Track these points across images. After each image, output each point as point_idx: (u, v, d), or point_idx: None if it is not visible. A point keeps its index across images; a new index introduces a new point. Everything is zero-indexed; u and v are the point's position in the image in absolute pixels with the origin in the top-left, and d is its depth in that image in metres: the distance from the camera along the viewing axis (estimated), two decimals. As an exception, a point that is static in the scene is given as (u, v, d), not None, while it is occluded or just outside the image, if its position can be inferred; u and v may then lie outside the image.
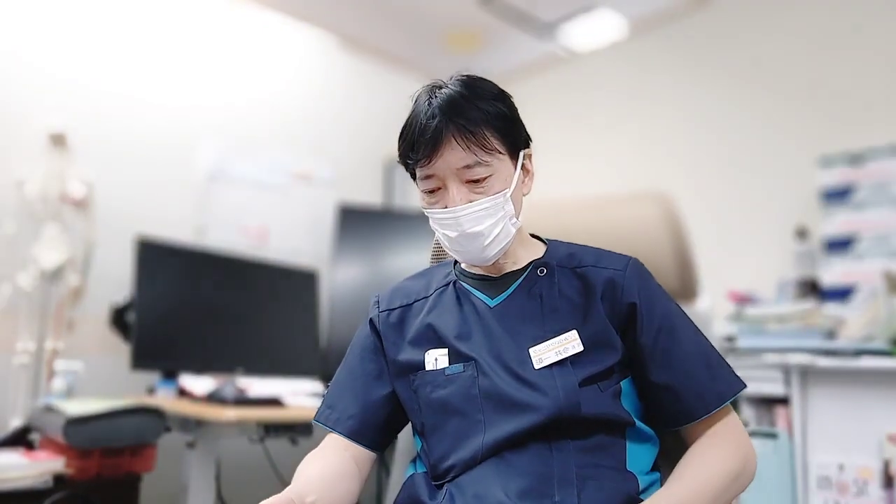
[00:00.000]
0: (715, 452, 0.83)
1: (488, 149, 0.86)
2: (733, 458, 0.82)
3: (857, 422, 1.67)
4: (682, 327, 0.89)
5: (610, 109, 3.52)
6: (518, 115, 0.93)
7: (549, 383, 0.83)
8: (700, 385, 0.85)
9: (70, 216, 2.26)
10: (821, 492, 1.69)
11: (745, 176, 2.93)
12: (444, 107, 0.86)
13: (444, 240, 0.91)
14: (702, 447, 0.84)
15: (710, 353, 0.89)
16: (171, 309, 2.30)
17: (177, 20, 2.82)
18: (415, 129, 0.87)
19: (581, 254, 0.95)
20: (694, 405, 0.85)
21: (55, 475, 1.62)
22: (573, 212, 1.24)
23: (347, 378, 0.98)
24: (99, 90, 2.56)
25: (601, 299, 0.89)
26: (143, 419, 1.76)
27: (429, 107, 0.87)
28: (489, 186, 0.87)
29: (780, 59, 2.89)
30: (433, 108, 0.86)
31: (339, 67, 3.44)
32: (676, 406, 0.86)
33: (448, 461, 0.85)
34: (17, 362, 2.13)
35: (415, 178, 0.92)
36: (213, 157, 2.88)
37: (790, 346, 1.83)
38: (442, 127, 0.85)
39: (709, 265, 1.97)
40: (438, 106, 0.86)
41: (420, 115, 0.87)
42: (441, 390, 0.88)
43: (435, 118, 0.85)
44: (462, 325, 0.91)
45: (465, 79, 0.90)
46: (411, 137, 0.88)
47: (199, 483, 1.91)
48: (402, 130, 0.91)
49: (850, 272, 2.39)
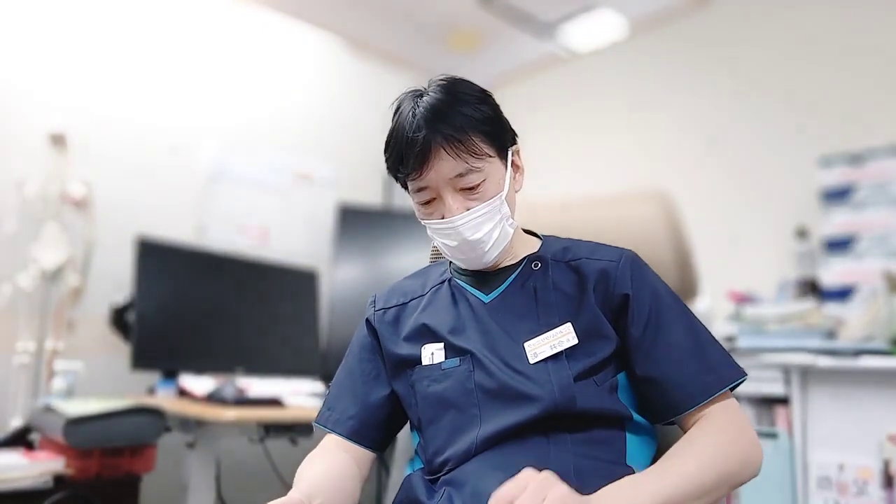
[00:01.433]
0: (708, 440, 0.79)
1: (478, 155, 0.86)
2: (728, 445, 0.79)
3: (857, 422, 1.67)
4: (674, 319, 0.87)
5: (610, 109, 3.52)
6: (501, 113, 0.92)
7: (544, 378, 0.83)
8: (687, 377, 0.83)
9: (70, 216, 2.26)
10: (821, 492, 1.68)
11: (745, 176, 2.93)
12: (429, 117, 0.85)
13: (444, 248, 0.91)
14: (693, 435, 0.81)
15: (704, 344, 0.86)
16: (171, 309, 2.29)
17: (177, 20, 2.82)
18: (402, 142, 0.86)
19: (576, 247, 0.95)
20: (680, 398, 0.83)
21: (55, 475, 1.62)
22: (573, 211, 1.24)
23: (346, 379, 0.98)
24: (99, 90, 2.57)
25: (593, 290, 0.88)
26: (143, 419, 1.76)
27: (413, 118, 0.86)
28: (484, 192, 0.87)
29: (781, 59, 2.89)
30: (418, 120, 0.85)
31: (339, 67, 3.45)
32: (663, 399, 0.84)
33: (443, 455, 0.85)
34: (17, 362, 2.13)
35: (406, 188, 0.92)
36: (213, 157, 2.88)
37: (790, 346, 1.82)
38: (430, 139, 0.84)
39: (709, 265, 1.97)
40: (423, 117, 0.85)
41: (405, 127, 0.86)
42: (437, 385, 0.88)
43: (421, 130, 0.84)
44: (457, 321, 0.91)
45: (445, 83, 0.89)
46: (399, 151, 0.87)
47: (199, 483, 1.91)
48: (387, 142, 0.90)
49: (850, 272, 2.39)
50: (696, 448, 0.79)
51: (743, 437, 0.81)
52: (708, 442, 0.79)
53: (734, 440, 0.80)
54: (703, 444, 0.79)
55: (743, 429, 0.82)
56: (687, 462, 0.77)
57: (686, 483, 0.74)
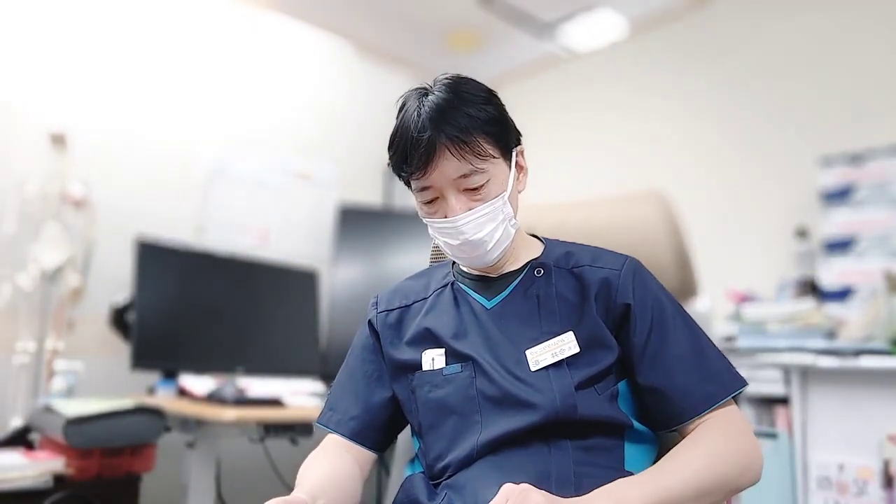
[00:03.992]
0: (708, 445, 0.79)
1: (482, 156, 0.85)
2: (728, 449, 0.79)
3: (857, 422, 1.67)
4: (677, 328, 0.87)
5: (610, 109, 3.52)
6: (506, 113, 0.92)
7: (546, 385, 0.83)
8: (689, 387, 0.83)
9: (70, 216, 2.26)
10: (821, 492, 1.68)
11: (745, 176, 2.93)
12: (434, 117, 0.84)
13: (446, 247, 0.91)
14: (694, 438, 0.81)
15: (706, 353, 0.86)
16: (171, 309, 2.29)
17: (178, 21, 2.82)
18: (406, 141, 0.86)
19: (578, 253, 0.94)
20: (681, 407, 0.83)
21: (55, 475, 1.62)
22: (573, 212, 1.24)
23: (348, 380, 0.99)
24: (100, 90, 2.56)
25: (595, 298, 0.88)
26: (142, 419, 1.76)
27: (418, 117, 0.85)
28: (487, 192, 0.87)
29: (780, 59, 2.89)
30: (423, 120, 0.84)
31: (339, 67, 3.44)
32: (665, 408, 0.84)
33: (444, 460, 0.85)
34: (17, 362, 2.13)
35: (409, 186, 0.92)
36: (213, 156, 2.87)
37: (790, 346, 1.82)
38: (434, 139, 0.84)
39: (709, 265, 1.97)
40: (428, 117, 0.84)
41: (410, 126, 0.86)
42: (439, 390, 0.88)
43: (426, 130, 0.84)
44: (459, 325, 0.91)
45: (451, 82, 0.88)
46: (403, 150, 0.87)
47: (199, 483, 1.91)
48: (391, 140, 0.89)
49: (849, 272, 2.39)
50: (695, 451, 0.79)
51: (743, 442, 0.81)
52: (708, 446, 0.79)
53: (734, 445, 0.80)
54: (703, 448, 0.79)
55: (744, 434, 0.82)
56: (685, 465, 0.77)
57: (682, 485, 0.74)
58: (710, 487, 0.76)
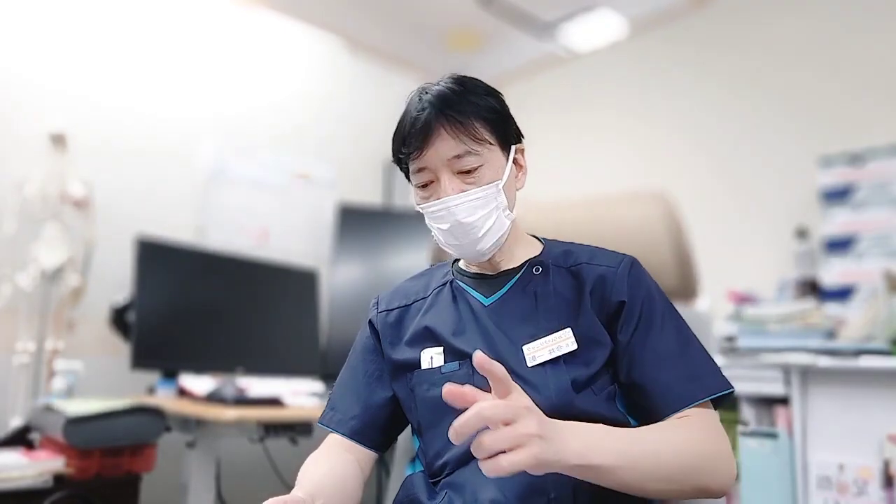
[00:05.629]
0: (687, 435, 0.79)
1: (478, 139, 0.87)
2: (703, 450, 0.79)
3: (857, 422, 1.67)
4: (664, 327, 0.87)
5: (610, 109, 3.52)
6: (509, 112, 0.94)
7: (542, 381, 0.83)
8: (670, 384, 0.83)
9: (70, 216, 2.26)
10: (821, 492, 1.68)
11: (745, 176, 2.93)
12: (435, 101, 0.87)
13: (439, 234, 0.91)
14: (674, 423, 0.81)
15: (692, 352, 0.87)
16: (171, 309, 2.29)
17: (177, 21, 2.82)
18: (406, 123, 0.89)
19: (577, 252, 0.95)
20: (660, 403, 0.83)
21: (55, 475, 1.62)
22: (573, 211, 1.24)
23: (350, 380, 0.99)
24: (99, 90, 2.56)
25: (590, 294, 0.89)
26: (143, 419, 1.76)
27: (419, 101, 0.88)
28: (480, 177, 0.88)
29: (780, 59, 2.89)
30: (423, 103, 0.88)
31: (339, 67, 3.44)
32: (646, 403, 0.84)
33: (443, 458, 0.86)
34: (17, 362, 2.13)
35: (409, 176, 0.93)
36: (213, 157, 2.88)
37: (790, 346, 1.82)
38: (431, 118, 0.86)
39: (709, 265, 1.97)
40: (429, 100, 0.87)
41: (411, 111, 0.89)
42: (437, 388, 0.88)
43: (425, 111, 0.87)
44: (457, 323, 0.92)
45: (456, 77, 0.91)
46: (402, 132, 0.89)
47: (199, 483, 1.91)
48: (395, 130, 0.92)
49: (849, 272, 2.39)
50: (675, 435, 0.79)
51: (722, 448, 0.81)
52: (686, 435, 0.79)
53: (712, 445, 0.80)
54: (682, 435, 0.79)
55: (722, 440, 0.82)
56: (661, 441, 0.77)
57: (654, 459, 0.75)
58: (678, 475, 0.76)
